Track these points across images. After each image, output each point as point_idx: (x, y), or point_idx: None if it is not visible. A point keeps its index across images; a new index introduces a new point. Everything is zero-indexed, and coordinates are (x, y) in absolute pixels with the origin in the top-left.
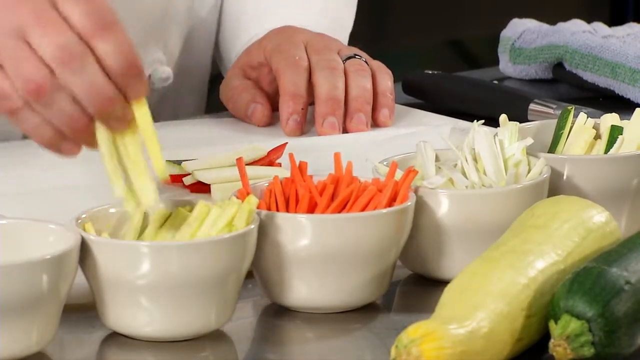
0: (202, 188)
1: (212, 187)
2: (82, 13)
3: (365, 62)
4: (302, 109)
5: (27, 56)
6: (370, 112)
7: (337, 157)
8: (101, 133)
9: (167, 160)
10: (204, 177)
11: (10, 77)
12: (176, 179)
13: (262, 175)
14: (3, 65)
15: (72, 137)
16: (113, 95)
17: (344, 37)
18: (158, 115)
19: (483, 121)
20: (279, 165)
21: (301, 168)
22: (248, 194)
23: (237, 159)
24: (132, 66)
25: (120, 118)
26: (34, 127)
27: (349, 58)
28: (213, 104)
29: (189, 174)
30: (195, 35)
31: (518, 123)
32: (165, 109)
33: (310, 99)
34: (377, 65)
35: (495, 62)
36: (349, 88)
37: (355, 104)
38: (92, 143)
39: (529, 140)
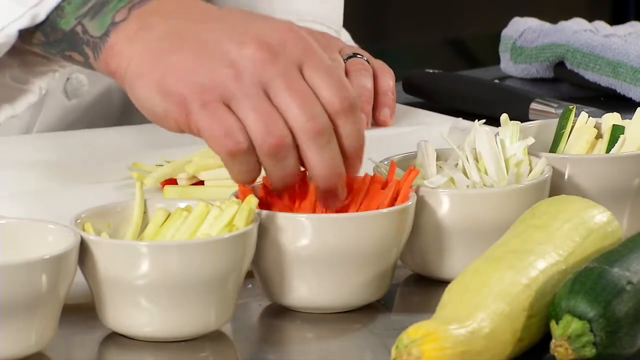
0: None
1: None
2: (331, 88)
3: (367, 61)
4: None
5: (271, 111)
6: (371, 111)
7: None
8: None
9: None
10: (201, 175)
11: (246, 122)
12: (170, 181)
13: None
14: (239, 110)
15: (278, 192)
16: (342, 175)
17: (339, 21)
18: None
19: (484, 120)
20: None
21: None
22: (248, 193)
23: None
24: (361, 149)
25: (340, 197)
26: (247, 170)
27: (350, 57)
28: None
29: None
30: None
31: (519, 122)
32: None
33: None
34: (379, 64)
35: (497, 61)
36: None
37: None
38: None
39: (531, 140)
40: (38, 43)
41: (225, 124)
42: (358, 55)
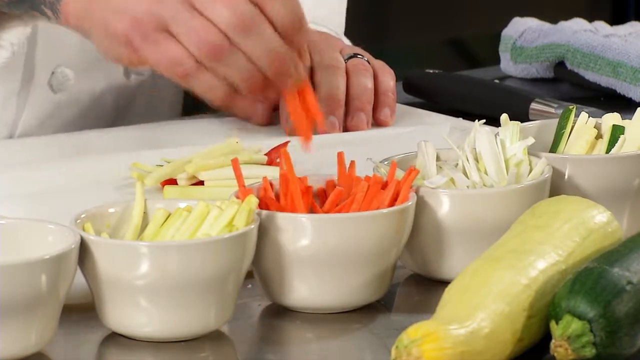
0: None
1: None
2: None
3: (368, 61)
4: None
5: (201, 23)
6: (371, 111)
7: (340, 156)
8: None
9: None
10: (201, 176)
11: (183, 43)
12: (170, 181)
13: (256, 175)
14: (175, 33)
15: (248, 93)
16: (287, 55)
17: (342, 23)
18: (132, 110)
19: (484, 120)
20: (278, 165)
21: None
22: (248, 194)
23: (232, 160)
24: (297, 20)
25: (294, 75)
26: (209, 87)
27: (351, 57)
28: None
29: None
30: None
31: (519, 122)
32: (141, 103)
33: None
34: (380, 64)
35: (497, 61)
36: (350, 87)
37: (356, 103)
38: (268, 97)
39: (531, 140)
40: (2, 4)
41: (168, 52)
42: (358, 56)
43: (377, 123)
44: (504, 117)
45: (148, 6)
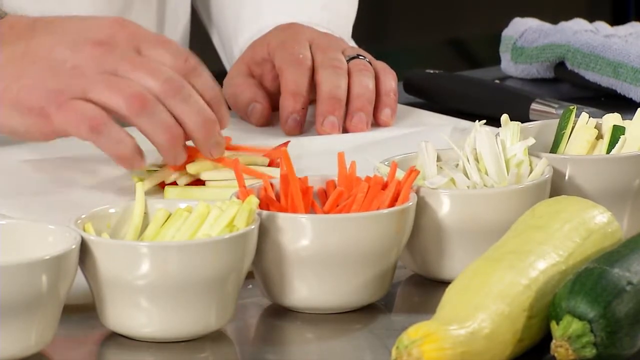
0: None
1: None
2: (171, 55)
3: (369, 62)
4: (303, 108)
5: (126, 82)
6: (372, 111)
7: (340, 157)
8: None
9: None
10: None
11: (107, 103)
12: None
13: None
14: (94, 99)
15: (166, 147)
16: (215, 120)
17: (347, 31)
18: None
19: (484, 121)
20: (278, 165)
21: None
22: (249, 194)
23: (233, 161)
24: (219, 98)
25: (220, 143)
26: (117, 140)
27: (353, 58)
28: None
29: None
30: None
31: (520, 123)
32: None
33: (312, 98)
34: (381, 65)
35: (497, 61)
36: (352, 87)
37: (357, 103)
38: (181, 156)
39: (531, 140)
40: None
41: (81, 110)
42: (360, 57)
43: (378, 123)
44: (505, 117)
45: (67, 80)
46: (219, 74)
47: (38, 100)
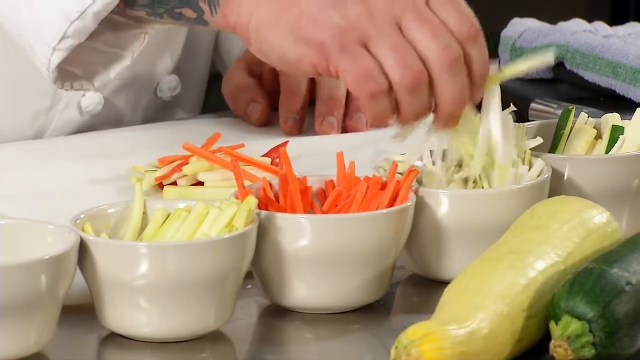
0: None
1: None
2: (457, 17)
3: None
4: (302, 108)
5: (407, 47)
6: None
7: (339, 157)
8: None
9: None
10: (202, 177)
11: (384, 62)
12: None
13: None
14: (375, 51)
15: (410, 124)
16: (466, 101)
17: None
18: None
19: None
20: (277, 164)
21: (289, 169)
22: (247, 194)
23: (231, 160)
24: (486, 75)
25: (459, 119)
26: (384, 113)
27: None
28: (212, 104)
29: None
30: (195, 38)
31: (524, 124)
32: (163, 117)
33: (312, 96)
34: None
35: (496, 61)
36: None
37: (356, 102)
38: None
39: (539, 140)
40: (145, 3)
41: (365, 67)
42: None
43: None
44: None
45: (355, 19)
46: (216, 74)
47: (320, 32)
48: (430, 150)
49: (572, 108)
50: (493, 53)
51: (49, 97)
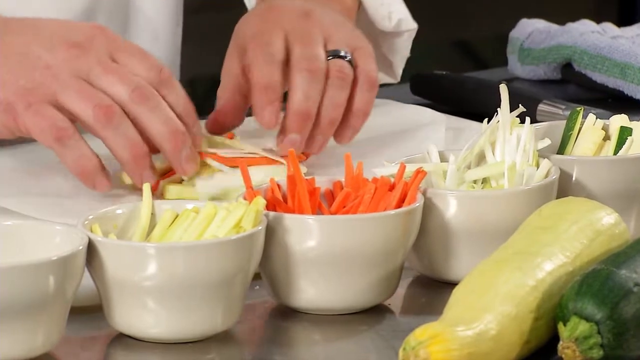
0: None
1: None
2: (147, 67)
3: (350, 62)
4: (277, 100)
5: (94, 90)
6: (332, 133)
7: (347, 158)
8: None
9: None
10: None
11: (73, 109)
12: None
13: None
14: (64, 102)
15: (130, 164)
16: (185, 133)
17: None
18: None
19: (486, 119)
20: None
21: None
22: (256, 195)
23: (239, 162)
24: (192, 114)
25: (193, 158)
26: (80, 156)
27: (334, 55)
28: (212, 105)
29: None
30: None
31: (532, 125)
32: None
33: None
34: (363, 71)
35: (504, 62)
36: (322, 101)
37: (322, 123)
38: (148, 176)
39: (547, 141)
40: None
41: (49, 117)
42: (342, 53)
43: (334, 138)
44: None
45: (39, 80)
46: (214, 77)
47: (7, 95)
48: (439, 151)
49: (580, 109)
50: (501, 54)
51: None
